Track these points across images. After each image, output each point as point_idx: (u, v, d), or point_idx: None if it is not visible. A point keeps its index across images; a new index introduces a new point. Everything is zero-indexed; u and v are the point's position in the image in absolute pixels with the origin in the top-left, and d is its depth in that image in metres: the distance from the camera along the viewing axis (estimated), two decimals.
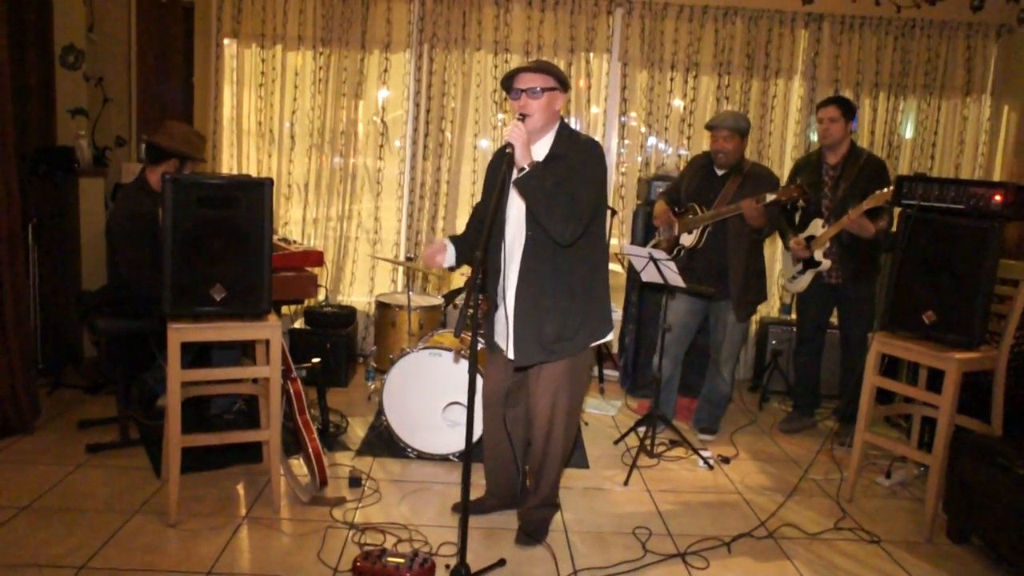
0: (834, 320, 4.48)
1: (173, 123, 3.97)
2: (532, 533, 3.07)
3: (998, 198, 3.22)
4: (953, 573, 3.04)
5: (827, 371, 4.67)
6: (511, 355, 2.90)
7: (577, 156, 2.79)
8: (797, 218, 4.38)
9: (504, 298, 2.87)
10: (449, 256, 3.05)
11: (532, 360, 2.89)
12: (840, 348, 4.46)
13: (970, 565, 3.11)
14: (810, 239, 4.23)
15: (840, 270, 4.21)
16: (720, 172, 4.11)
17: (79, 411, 4.15)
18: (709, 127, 4.13)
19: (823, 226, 4.17)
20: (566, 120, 5.17)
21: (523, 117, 2.74)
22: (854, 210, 3.96)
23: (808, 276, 4.29)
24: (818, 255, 4.21)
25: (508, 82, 2.83)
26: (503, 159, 2.67)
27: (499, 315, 2.93)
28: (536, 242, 2.80)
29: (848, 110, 4.20)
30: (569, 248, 2.78)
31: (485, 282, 2.94)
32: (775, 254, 5.46)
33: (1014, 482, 2.90)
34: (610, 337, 3.06)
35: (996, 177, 5.31)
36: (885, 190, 3.84)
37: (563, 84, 2.83)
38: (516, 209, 2.84)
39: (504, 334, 2.92)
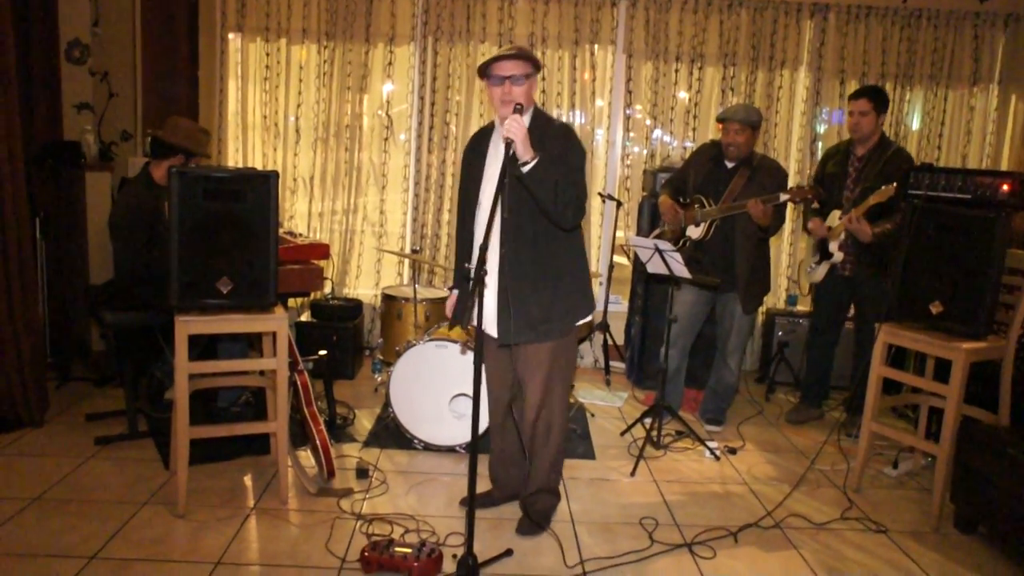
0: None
1: (178, 118, 3.97)
2: (536, 521, 3.07)
3: (1006, 187, 3.21)
4: (960, 563, 3.04)
5: (837, 363, 4.64)
6: (494, 333, 2.90)
7: (557, 142, 2.81)
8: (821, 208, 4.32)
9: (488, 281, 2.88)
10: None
11: (518, 339, 2.87)
12: (854, 341, 4.44)
13: (977, 555, 3.11)
14: (828, 229, 4.20)
15: (855, 263, 4.16)
16: (729, 164, 4.09)
17: (87, 404, 4.17)
18: (720, 119, 4.11)
19: (840, 218, 4.14)
20: (569, 112, 5.24)
21: (520, 108, 2.73)
22: (856, 209, 3.91)
23: (824, 267, 4.26)
24: (832, 247, 4.18)
25: (486, 68, 2.83)
26: (481, 149, 2.78)
27: (486, 298, 2.94)
28: (515, 227, 2.79)
29: (880, 102, 4.09)
30: (549, 231, 2.83)
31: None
32: (783, 246, 5.46)
33: (1021, 472, 2.90)
34: (590, 317, 3.08)
35: (1003, 167, 5.29)
36: (889, 187, 3.77)
37: (538, 68, 2.90)
38: (488, 196, 2.87)
39: (489, 316, 2.92)
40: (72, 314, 4.79)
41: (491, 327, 2.93)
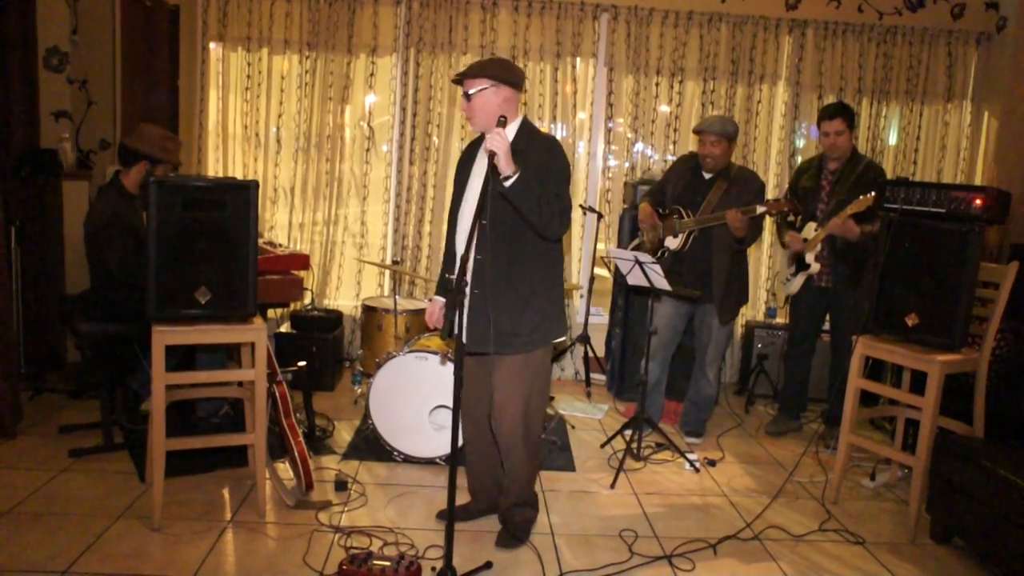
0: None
1: (147, 126, 3.93)
2: (514, 533, 3.07)
3: (979, 202, 3.26)
4: (936, 574, 3.07)
5: (815, 375, 4.68)
6: (464, 339, 2.89)
7: (540, 153, 2.83)
8: (797, 221, 4.38)
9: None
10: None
11: (483, 348, 2.87)
12: (830, 352, 4.47)
13: (952, 566, 3.14)
14: (804, 242, 4.25)
15: (831, 274, 4.22)
16: (707, 176, 4.13)
17: (62, 415, 4.10)
18: (697, 131, 4.15)
19: (815, 230, 4.19)
20: (551, 125, 5.26)
21: (503, 121, 2.74)
22: (839, 216, 3.97)
23: (800, 279, 4.31)
24: (809, 258, 4.23)
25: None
26: (471, 159, 2.76)
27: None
28: (492, 237, 2.79)
29: (852, 119, 4.17)
30: (526, 246, 2.84)
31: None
32: (762, 258, 5.51)
33: (995, 483, 2.93)
34: (564, 337, 3.10)
35: (977, 181, 5.37)
36: (868, 196, 3.84)
37: (500, 79, 2.84)
38: (471, 205, 2.89)
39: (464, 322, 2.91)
40: (47, 324, 4.73)
41: (464, 333, 2.92)
